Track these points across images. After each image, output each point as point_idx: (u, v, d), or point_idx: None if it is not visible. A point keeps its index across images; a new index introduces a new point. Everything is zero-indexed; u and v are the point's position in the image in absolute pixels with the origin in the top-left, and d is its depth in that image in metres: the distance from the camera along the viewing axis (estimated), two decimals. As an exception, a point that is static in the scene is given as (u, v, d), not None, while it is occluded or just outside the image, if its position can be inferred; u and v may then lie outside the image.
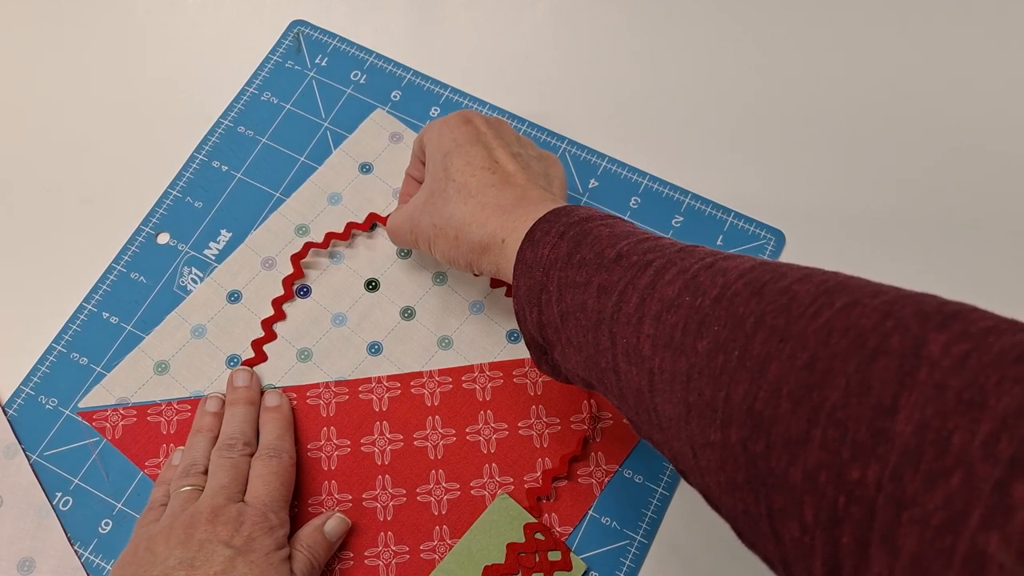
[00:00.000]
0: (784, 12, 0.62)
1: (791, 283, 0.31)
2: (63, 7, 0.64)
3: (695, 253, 0.36)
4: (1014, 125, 0.58)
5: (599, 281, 0.37)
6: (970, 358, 0.25)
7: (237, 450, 0.47)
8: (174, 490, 0.45)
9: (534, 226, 0.41)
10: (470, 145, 0.46)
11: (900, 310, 0.27)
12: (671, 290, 0.34)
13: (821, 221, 0.55)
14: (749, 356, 0.30)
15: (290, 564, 0.43)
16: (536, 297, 0.40)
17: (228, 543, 0.42)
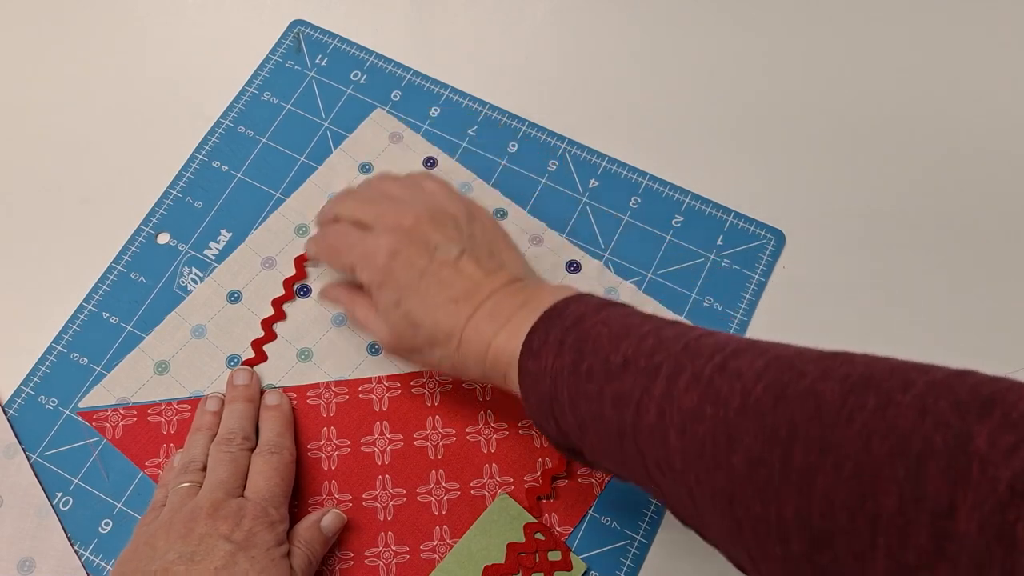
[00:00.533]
0: (784, 12, 0.62)
1: (813, 382, 0.30)
2: (63, 7, 0.64)
3: (701, 351, 0.35)
4: (1014, 125, 0.58)
5: (612, 391, 0.36)
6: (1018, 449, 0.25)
7: (236, 444, 0.47)
8: (173, 487, 0.45)
9: (530, 335, 0.40)
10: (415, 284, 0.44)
11: (935, 404, 0.27)
12: (689, 399, 0.33)
13: (821, 221, 0.55)
14: (792, 470, 0.29)
15: (289, 560, 0.43)
16: (548, 408, 0.39)
17: (229, 537, 0.42)
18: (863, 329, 0.52)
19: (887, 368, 0.30)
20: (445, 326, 0.43)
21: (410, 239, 0.44)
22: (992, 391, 0.27)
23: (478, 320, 0.42)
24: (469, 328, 0.42)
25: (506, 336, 0.41)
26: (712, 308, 0.53)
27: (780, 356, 0.33)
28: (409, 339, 0.44)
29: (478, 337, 0.42)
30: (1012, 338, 0.52)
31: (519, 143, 0.58)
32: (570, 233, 0.55)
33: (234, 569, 0.40)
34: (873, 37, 0.61)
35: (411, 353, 0.45)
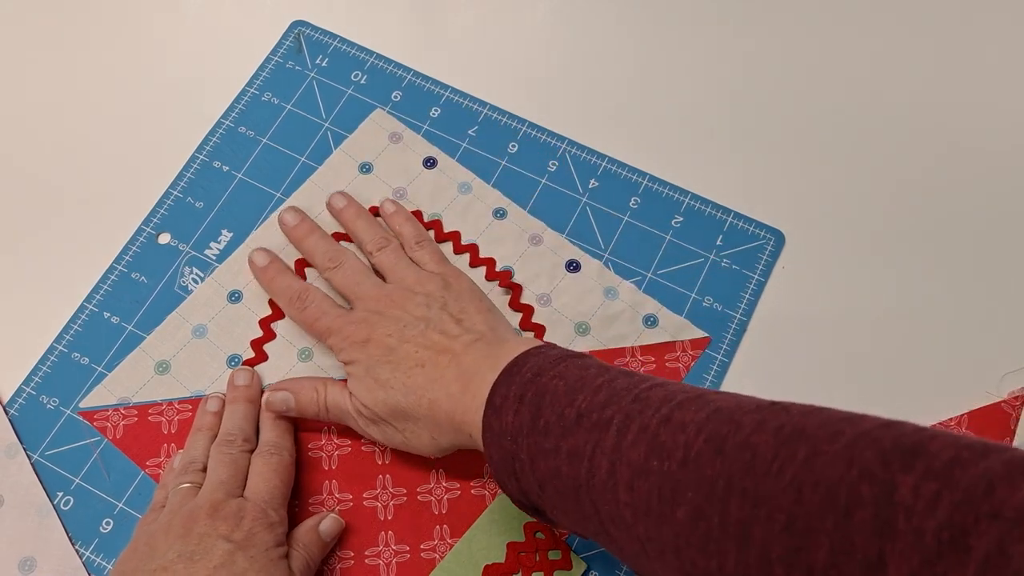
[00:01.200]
0: (784, 13, 0.62)
1: (749, 435, 0.31)
2: (64, 8, 0.64)
3: (650, 402, 0.36)
4: (1014, 125, 0.58)
5: (567, 447, 0.37)
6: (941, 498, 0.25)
7: (236, 446, 0.47)
8: (172, 487, 0.45)
9: (492, 391, 0.40)
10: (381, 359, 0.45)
11: (861, 454, 0.28)
12: (637, 453, 0.34)
13: (821, 221, 0.56)
14: (729, 523, 0.30)
15: (288, 562, 0.43)
16: (511, 466, 0.39)
17: (228, 537, 0.42)
18: (862, 329, 0.52)
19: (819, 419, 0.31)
20: (414, 388, 0.44)
21: (382, 322, 0.46)
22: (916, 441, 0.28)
23: (445, 383, 0.43)
24: (436, 391, 0.43)
25: (470, 396, 0.42)
26: (712, 308, 0.53)
27: (721, 408, 0.33)
28: (382, 404, 0.45)
29: (446, 398, 0.43)
30: (1012, 337, 0.52)
31: (519, 143, 0.58)
32: (570, 233, 0.55)
33: (233, 568, 0.40)
34: (873, 37, 0.61)
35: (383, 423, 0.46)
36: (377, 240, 0.52)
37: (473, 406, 0.41)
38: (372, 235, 0.52)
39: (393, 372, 0.45)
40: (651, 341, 0.52)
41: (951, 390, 0.50)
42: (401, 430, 0.45)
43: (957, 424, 0.49)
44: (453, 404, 0.42)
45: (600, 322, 0.52)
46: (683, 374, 0.51)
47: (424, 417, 0.44)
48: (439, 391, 0.43)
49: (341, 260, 0.51)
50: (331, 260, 0.51)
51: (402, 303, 0.47)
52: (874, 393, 0.51)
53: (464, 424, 0.42)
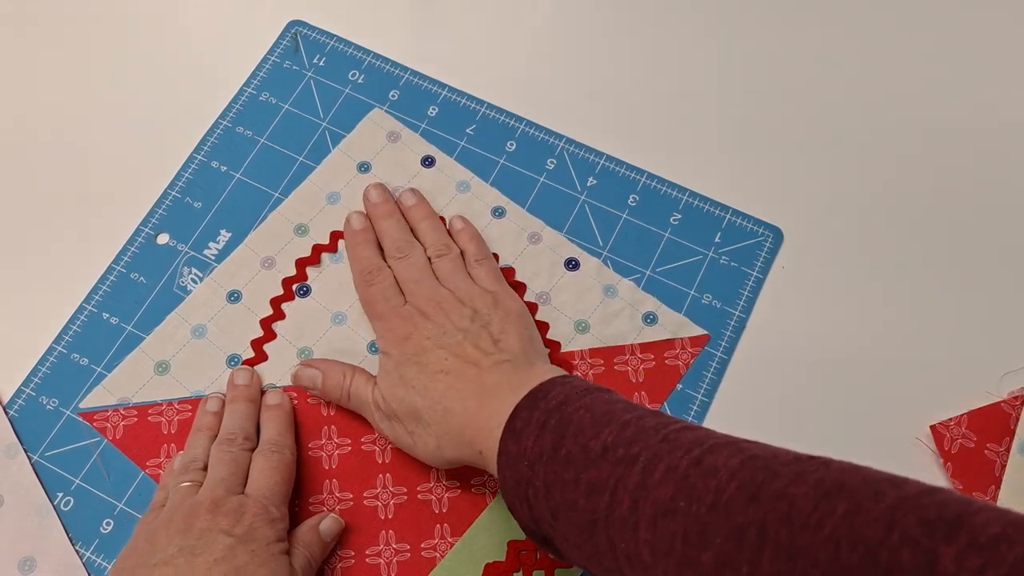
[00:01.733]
0: (782, 11, 0.63)
1: (786, 485, 0.31)
2: (62, 8, 0.64)
3: (680, 443, 0.35)
4: (1015, 125, 0.58)
5: (588, 479, 0.36)
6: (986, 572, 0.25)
7: (237, 444, 0.47)
8: (173, 486, 0.45)
9: (513, 414, 0.40)
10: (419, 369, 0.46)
11: (903, 519, 0.27)
12: (664, 492, 0.33)
13: (819, 218, 0.56)
14: (760, 573, 0.29)
15: (289, 559, 0.43)
16: (524, 492, 0.39)
17: (229, 532, 0.42)
18: (861, 327, 0.53)
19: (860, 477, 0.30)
20: (433, 394, 0.44)
21: (425, 323, 0.47)
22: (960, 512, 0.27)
23: (464, 395, 0.43)
24: (454, 401, 0.43)
25: (487, 414, 0.42)
26: (711, 305, 0.53)
27: (756, 456, 0.33)
28: (399, 401, 0.45)
29: (462, 410, 0.43)
30: (1012, 337, 0.52)
31: (517, 142, 0.58)
32: (569, 231, 0.55)
33: (234, 562, 0.40)
34: (871, 35, 0.61)
35: (396, 420, 0.46)
36: (439, 246, 0.52)
37: (489, 425, 0.41)
38: (436, 240, 0.53)
39: (419, 373, 0.45)
40: (651, 339, 0.52)
41: (951, 390, 0.50)
42: (411, 432, 0.45)
43: (957, 424, 0.49)
44: (467, 418, 0.43)
45: (599, 320, 0.52)
46: (683, 371, 0.51)
47: (436, 424, 0.44)
48: (456, 402, 0.43)
49: (408, 252, 0.51)
50: (399, 250, 0.52)
51: (448, 311, 0.47)
52: (874, 392, 0.51)
53: (474, 441, 0.42)
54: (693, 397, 0.51)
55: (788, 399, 0.51)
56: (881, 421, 0.50)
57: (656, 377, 0.51)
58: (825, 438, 0.50)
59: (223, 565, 0.40)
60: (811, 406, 0.51)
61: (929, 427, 0.49)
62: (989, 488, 0.47)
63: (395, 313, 0.48)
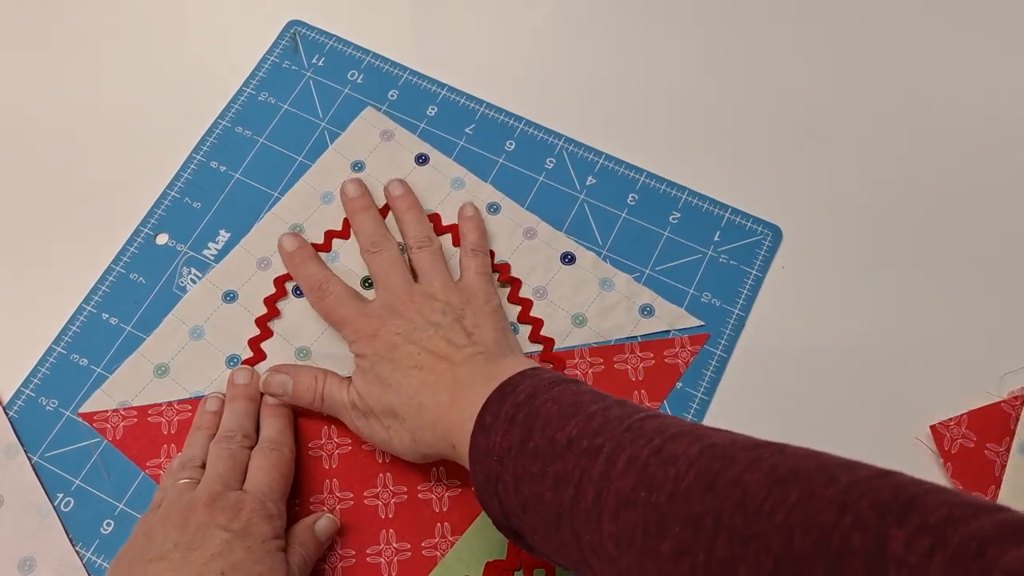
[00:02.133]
0: (781, 11, 0.62)
1: (741, 472, 0.31)
2: (62, 8, 0.64)
3: (643, 431, 0.35)
4: (1015, 124, 0.58)
5: (554, 471, 0.37)
6: (934, 554, 0.25)
7: (236, 441, 0.47)
8: (171, 484, 0.45)
9: (483, 409, 0.40)
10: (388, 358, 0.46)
11: (856, 502, 0.28)
12: (625, 483, 0.34)
13: (818, 217, 0.56)
14: (715, 560, 0.30)
15: (285, 556, 0.43)
16: (494, 487, 0.39)
17: (226, 527, 0.41)
18: (861, 326, 0.52)
19: (815, 463, 0.30)
20: (407, 389, 0.44)
21: (393, 319, 0.47)
22: (911, 494, 0.28)
23: (437, 389, 0.44)
24: (427, 396, 0.44)
25: (459, 408, 0.42)
26: (710, 304, 0.53)
27: (715, 443, 0.33)
28: (376, 398, 0.45)
29: (435, 405, 0.43)
30: (1012, 337, 0.52)
31: (516, 141, 0.58)
32: (568, 230, 0.55)
33: (230, 557, 0.40)
34: (870, 34, 0.61)
35: (372, 418, 0.46)
36: (421, 237, 0.52)
37: (461, 419, 0.41)
38: (418, 231, 0.53)
39: (392, 370, 0.45)
40: (648, 331, 0.52)
41: (951, 390, 0.50)
42: (387, 427, 0.45)
43: (957, 424, 0.49)
44: (440, 413, 0.43)
45: (596, 313, 0.53)
46: (682, 370, 0.51)
47: (410, 419, 0.44)
48: (429, 397, 0.44)
49: (383, 247, 0.52)
50: (373, 244, 0.52)
51: (420, 306, 0.48)
52: (874, 392, 0.50)
53: (448, 434, 0.42)
54: (693, 395, 0.51)
55: (787, 398, 0.51)
56: (881, 421, 0.50)
57: (656, 375, 0.51)
58: (824, 437, 0.49)
59: (219, 561, 0.40)
60: (810, 405, 0.50)
61: (929, 427, 0.49)
62: (989, 488, 0.47)
63: (358, 314, 0.49)
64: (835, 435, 0.49)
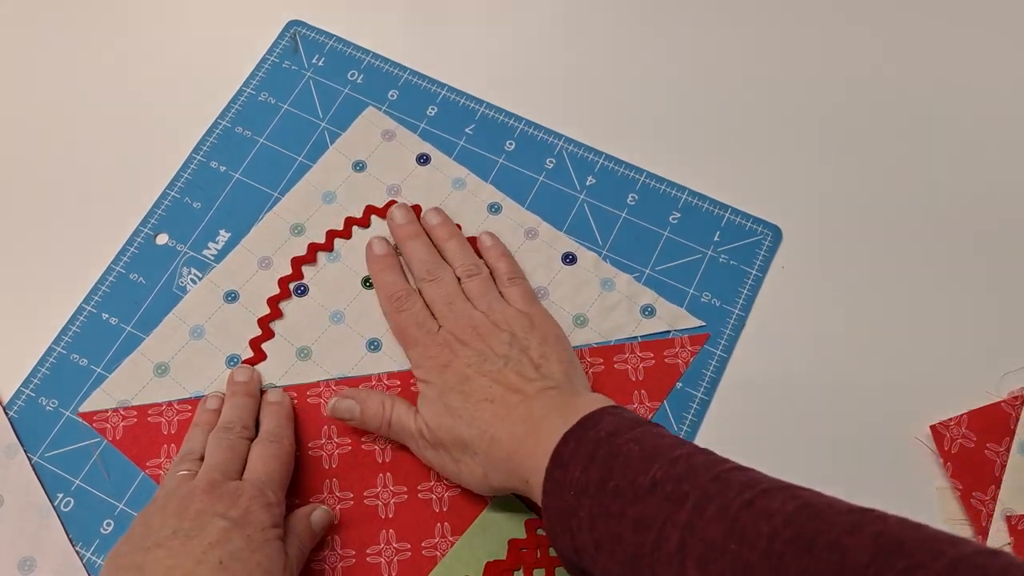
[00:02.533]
0: (780, 10, 0.62)
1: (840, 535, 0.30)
2: (62, 8, 0.64)
3: (731, 484, 0.35)
4: (1015, 123, 0.58)
5: (634, 514, 0.36)
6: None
7: (235, 432, 0.47)
8: (170, 475, 0.45)
9: (561, 443, 0.40)
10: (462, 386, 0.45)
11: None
12: (714, 532, 0.33)
13: (818, 217, 0.56)
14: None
15: (283, 545, 0.43)
16: (567, 522, 0.39)
17: (224, 515, 0.41)
18: (861, 326, 0.52)
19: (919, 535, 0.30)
20: (479, 423, 0.44)
21: (464, 350, 0.47)
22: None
23: (511, 423, 0.43)
24: (501, 429, 0.43)
25: (534, 442, 0.41)
26: (710, 304, 0.53)
27: (810, 503, 0.33)
28: (447, 430, 0.45)
29: (508, 437, 0.42)
30: (1012, 337, 0.52)
31: (516, 141, 0.58)
32: (568, 230, 0.55)
33: (229, 546, 0.40)
34: (870, 34, 0.61)
35: (442, 449, 0.45)
36: (469, 266, 0.51)
37: (536, 452, 0.41)
38: (464, 260, 0.52)
39: (464, 402, 0.45)
40: (649, 331, 0.52)
41: (951, 390, 0.50)
42: (456, 460, 0.45)
43: (957, 424, 0.49)
44: (515, 445, 0.42)
45: (598, 313, 0.53)
46: (682, 370, 0.51)
47: (483, 453, 0.43)
48: (503, 430, 0.43)
49: (439, 275, 0.51)
50: (429, 272, 0.51)
51: (486, 336, 0.47)
52: (874, 392, 0.50)
53: (521, 469, 0.42)
54: (692, 395, 0.51)
55: (787, 398, 0.51)
56: (881, 421, 0.50)
57: (656, 375, 0.51)
58: (825, 437, 0.50)
59: (217, 549, 0.40)
60: (811, 405, 0.50)
61: (929, 427, 0.49)
62: (989, 488, 0.47)
63: (431, 340, 0.48)
64: (835, 435, 0.49)
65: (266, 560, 0.41)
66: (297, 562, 0.44)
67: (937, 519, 0.47)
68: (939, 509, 0.48)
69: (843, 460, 0.41)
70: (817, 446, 0.49)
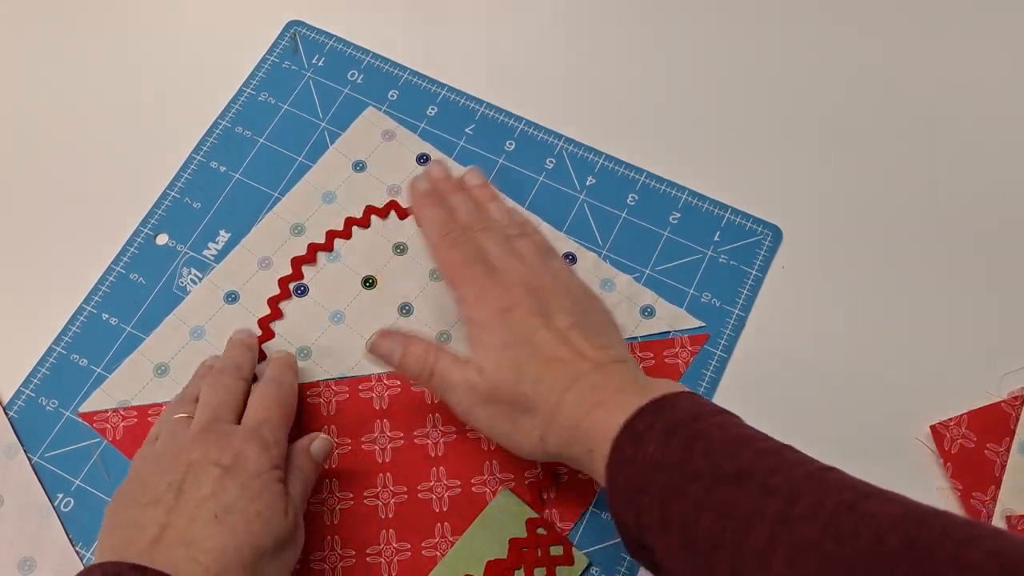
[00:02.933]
0: (780, 10, 0.63)
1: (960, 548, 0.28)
2: (62, 8, 0.64)
3: (827, 483, 0.33)
4: (1015, 123, 0.58)
5: (718, 501, 0.34)
6: None
7: (229, 373, 0.46)
8: (167, 418, 0.44)
9: (635, 416, 0.38)
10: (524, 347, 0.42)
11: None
12: (808, 530, 0.31)
13: (818, 217, 0.56)
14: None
15: (285, 486, 0.42)
16: (634, 497, 0.37)
17: (217, 462, 0.40)
18: (861, 326, 0.52)
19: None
20: (547, 382, 0.41)
21: (529, 298, 0.43)
22: None
23: (580, 388, 0.40)
24: (569, 393, 0.40)
25: (605, 413, 0.39)
26: (710, 304, 0.53)
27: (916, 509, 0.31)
28: (509, 386, 0.41)
29: (576, 403, 0.40)
30: (1012, 337, 0.52)
31: (516, 141, 0.58)
32: (568, 230, 0.55)
33: (223, 497, 0.39)
34: (870, 33, 0.61)
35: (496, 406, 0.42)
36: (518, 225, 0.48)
37: (609, 423, 0.38)
38: (508, 220, 0.48)
39: (531, 356, 0.41)
40: (649, 331, 0.52)
41: (951, 390, 0.50)
42: (512, 419, 0.42)
43: (957, 424, 0.49)
44: (583, 412, 0.39)
45: (599, 318, 0.52)
46: (682, 370, 0.51)
47: (545, 415, 0.40)
48: (571, 394, 0.40)
49: (490, 225, 0.47)
50: (479, 221, 0.47)
51: (558, 292, 0.43)
52: (874, 392, 0.50)
53: (587, 438, 0.39)
54: (693, 396, 0.51)
55: (787, 398, 0.51)
56: (881, 421, 0.50)
57: (656, 375, 0.51)
58: (825, 437, 0.49)
59: (211, 502, 0.39)
60: (811, 405, 0.50)
61: (929, 427, 0.49)
62: (989, 488, 0.47)
63: (490, 279, 0.43)
64: (836, 434, 0.49)
65: (265, 507, 0.40)
66: (301, 498, 0.43)
67: (937, 519, 0.47)
68: (939, 509, 0.48)
69: (843, 460, 0.41)
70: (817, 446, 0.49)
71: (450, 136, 0.58)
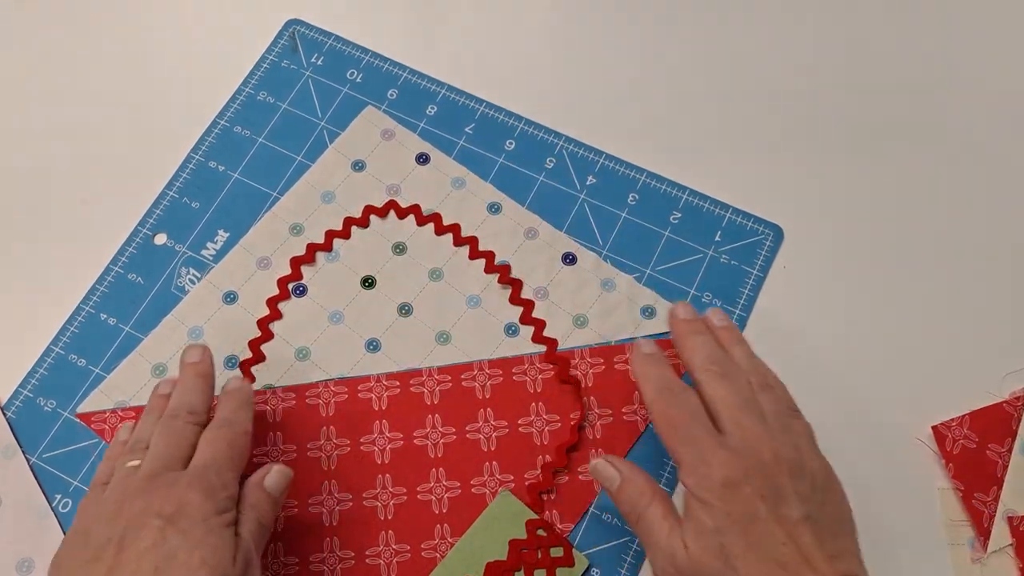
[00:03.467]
0: (781, 9, 0.62)
1: None
2: (61, 8, 0.64)
3: None
4: (1013, 123, 0.58)
5: None
6: None
7: (180, 419, 0.44)
8: (118, 467, 0.43)
9: None
10: None
11: None
12: None
13: (820, 217, 0.55)
14: None
15: (236, 528, 0.40)
16: None
17: (159, 513, 0.38)
18: (862, 326, 0.52)
19: None
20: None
21: (760, 474, 0.38)
22: None
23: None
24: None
25: None
26: (711, 304, 0.53)
27: None
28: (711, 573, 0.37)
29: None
30: (1013, 337, 0.52)
31: (516, 140, 0.58)
32: (568, 230, 0.55)
33: (163, 548, 0.37)
34: (871, 32, 0.61)
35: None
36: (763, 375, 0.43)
37: None
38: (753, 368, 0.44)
39: (745, 552, 0.36)
40: (649, 331, 0.52)
41: (952, 390, 0.50)
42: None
43: (959, 424, 0.49)
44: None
45: (598, 314, 0.52)
46: (683, 370, 0.51)
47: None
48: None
49: (731, 372, 0.42)
50: (719, 365, 0.42)
51: (790, 471, 0.38)
52: (875, 392, 0.50)
53: None
54: (693, 396, 0.50)
55: (789, 398, 0.50)
56: (882, 421, 0.50)
57: (656, 376, 0.51)
58: (826, 438, 0.49)
59: (151, 554, 0.37)
60: (811, 405, 0.50)
61: (931, 427, 0.49)
62: (991, 489, 0.47)
63: (715, 442, 0.39)
64: (836, 435, 0.49)
65: (210, 554, 0.37)
66: (257, 538, 0.41)
67: (939, 520, 0.47)
68: (941, 510, 0.47)
69: (844, 460, 0.41)
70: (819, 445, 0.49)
71: (450, 135, 0.58)
